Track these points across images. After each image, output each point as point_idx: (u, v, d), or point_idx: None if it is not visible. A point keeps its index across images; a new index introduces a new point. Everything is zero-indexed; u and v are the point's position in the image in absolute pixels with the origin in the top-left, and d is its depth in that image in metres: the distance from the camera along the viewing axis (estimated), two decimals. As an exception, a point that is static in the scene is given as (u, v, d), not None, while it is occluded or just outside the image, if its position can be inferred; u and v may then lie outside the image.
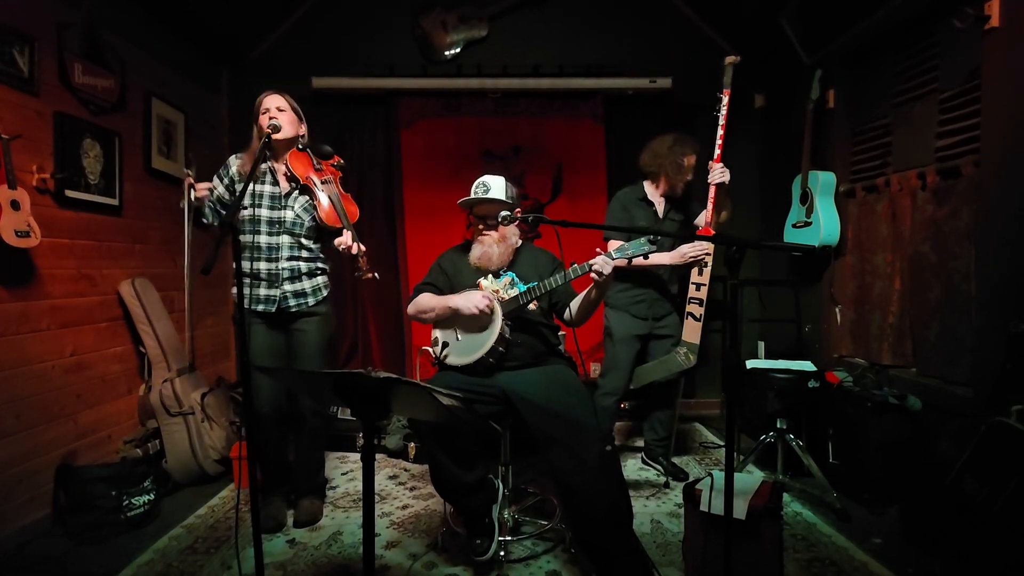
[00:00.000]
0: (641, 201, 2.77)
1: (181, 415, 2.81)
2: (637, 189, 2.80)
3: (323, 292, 2.43)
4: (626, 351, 2.75)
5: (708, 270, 2.64)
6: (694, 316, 2.64)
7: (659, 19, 3.97)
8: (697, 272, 2.65)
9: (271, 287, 2.33)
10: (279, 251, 2.33)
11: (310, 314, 2.39)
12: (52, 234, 2.43)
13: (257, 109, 2.30)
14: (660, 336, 2.79)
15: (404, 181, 3.89)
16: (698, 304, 2.64)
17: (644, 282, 2.74)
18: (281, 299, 2.34)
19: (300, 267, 2.36)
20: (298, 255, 2.36)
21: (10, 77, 2.24)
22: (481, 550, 2.02)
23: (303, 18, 3.91)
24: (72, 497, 2.35)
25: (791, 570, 2.01)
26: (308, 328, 2.40)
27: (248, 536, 1.73)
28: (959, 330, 2.46)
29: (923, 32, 2.66)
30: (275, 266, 2.33)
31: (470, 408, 1.43)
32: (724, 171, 2.61)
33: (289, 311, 2.36)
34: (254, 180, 2.29)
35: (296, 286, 2.36)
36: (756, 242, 3.98)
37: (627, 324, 2.74)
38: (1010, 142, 2.14)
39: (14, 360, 2.26)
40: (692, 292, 2.66)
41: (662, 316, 2.79)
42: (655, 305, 2.77)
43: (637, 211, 2.75)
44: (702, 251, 2.58)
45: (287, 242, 2.34)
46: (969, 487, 1.88)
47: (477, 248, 2.18)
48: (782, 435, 2.63)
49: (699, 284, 2.65)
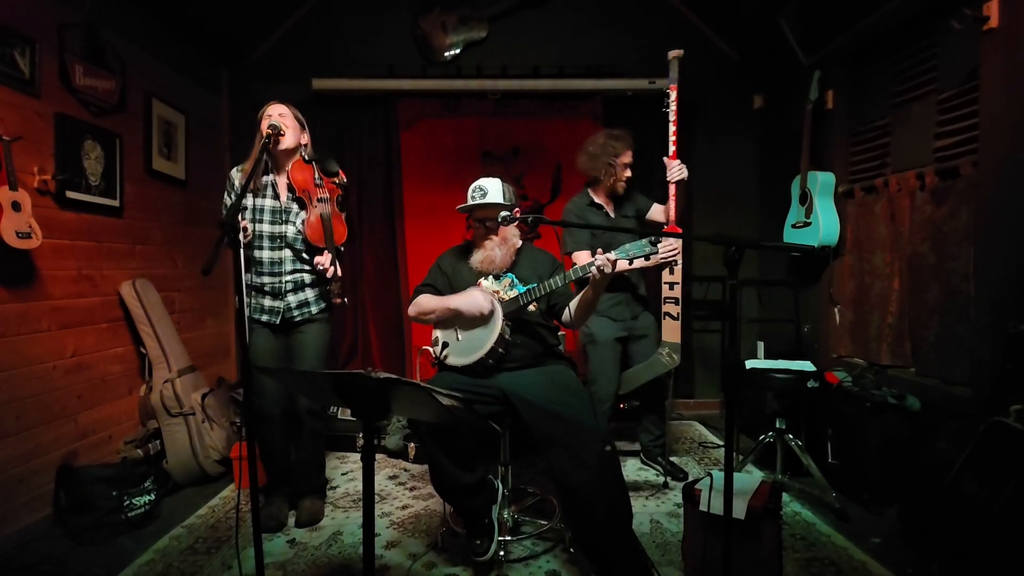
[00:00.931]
0: (591, 207, 2.77)
1: (182, 415, 2.81)
2: (584, 196, 2.80)
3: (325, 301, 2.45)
4: (611, 355, 2.76)
5: (679, 268, 2.68)
6: (671, 315, 2.67)
7: (659, 20, 3.97)
8: (668, 272, 2.67)
9: (275, 299, 2.35)
10: (282, 265, 2.35)
11: (311, 321, 2.41)
12: (53, 235, 2.43)
13: (260, 118, 2.31)
14: (639, 336, 2.81)
15: (404, 182, 3.90)
16: (674, 303, 2.67)
17: (618, 286, 2.74)
18: (285, 310, 2.36)
19: (304, 279, 2.38)
20: (301, 268, 2.38)
21: (11, 78, 2.25)
22: (481, 551, 2.02)
23: (303, 19, 3.92)
24: (73, 497, 2.35)
25: (790, 570, 2.02)
26: (309, 331, 2.41)
27: (248, 536, 1.73)
28: (958, 330, 2.46)
29: (922, 33, 2.66)
30: (278, 280, 2.35)
31: (470, 408, 1.43)
32: (681, 167, 2.61)
33: (293, 320, 2.38)
34: (254, 194, 2.32)
35: (299, 296, 2.38)
36: (756, 242, 3.99)
37: (608, 328, 2.75)
38: (1009, 142, 2.15)
39: (15, 361, 2.27)
40: (666, 292, 2.69)
41: (637, 315, 2.82)
42: (631, 306, 2.79)
43: (593, 217, 2.75)
44: (672, 251, 2.58)
45: (289, 256, 2.36)
46: (968, 487, 1.88)
47: (479, 253, 2.18)
48: (781, 435, 2.63)
49: (672, 283, 2.69)
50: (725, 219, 4.03)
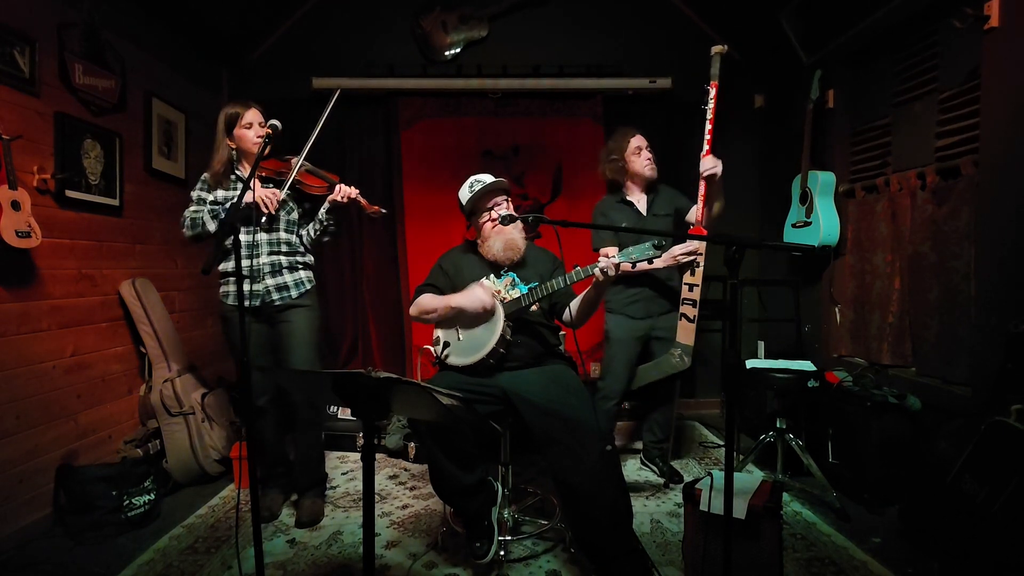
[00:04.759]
0: (620, 204, 2.76)
1: (181, 415, 2.81)
2: (616, 193, 2.80)
3: (306, 285, 2.46)
4: (624, 354, 2.73)
5: (700, 270, 2.61)
6: (687, 317, 2.62)
7: (659, 19, 3.97)
8: (689, 273, 2.62)
9: (253, 283, 2.36)
10: (258, 248, 2.37)
11: (295, 307, 2.42)
12: (53, 234, 2.43)
13: (233, 121, 2.35)
14: (660, 338, 2.75)
15: (404, 181, 3.89)
16: (691, 305, 2.61)
17: (636, 283, 2.72)
18: (264, 294, 2.37)
19: (281, 261, 2.39)
20: (277, 250, 2.39)
21: (11, 77, 2.25)
22: (481, 553, 2.02)
23: (303, 18, 3.92)
24: (72, 497, 2.35)
25: (790, 569, 2.02)
26: (294, 320, 2.41)
27: (248, 536, 1.73)
28: (959, 330, 2.46)
29: (923, 32, 2.66)
30: (256, 262, 2.36)
31: (470, 408, 1.43)
32: (716, 163, 2.52)
33: (273, 305, 2.39)
34: (222, 187, 2.38)
35: (278, 280, 2.39)
36: (756, 242, 3.98)
37: (624, 326, 2.73)
38: (1010, 142, 2.14)
39: (15, 360, 2.27)
40: (685, 293, 2.63)
41: (661, 315, 2.74)
42: (651, 304, 2.73)
43: (618, 215, 2.73)
44: (692, 252, 2.56)
45: (265, 239, 2.37)
46: (968, 487, 1.88)
47: (498, 240, 2.15)
48: (782, 435, 2.63)
49: (691, 285, 2.61)
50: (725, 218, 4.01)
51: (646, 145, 2.72)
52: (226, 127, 2.36)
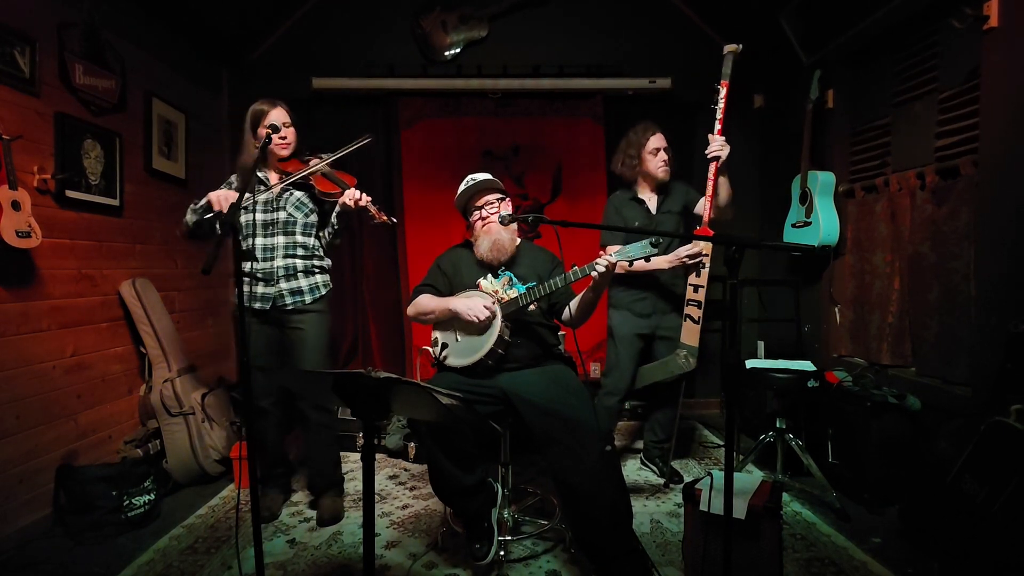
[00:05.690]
0: (632, 201, 2.76)
1: (182, 415, 2.81)
2: (628, 190, 2.80)
3: (321, 291, 2.44)
4: (628, 350, 2.73)
5: (706, 271, 2.60)
6: (692, 318, 2.60)
7: (659, 19, 3.97)
8: (695, 274, 2.62)
9: (268, 285, 2.35)
10: (274, 251, 2.36)
11: (306, 311, 2.40)
12: (53, 234, 2.43)
13: (258, 119, 2.32)
14: (664, 337, 2.74)
15: (404, 181, 3.89)
16: (696, 306, 2.59)
17: (643, 282, 2.72)
18: (277, 297, 2.36)
19: (296, 264, 2.38)
20: (293, 253, 2.38)
21: (11, 77, 2.25)
22: (480, 554, 2.02)
23: (303, 18, 3.91)
24: (72, 497, 2.35)
25: (790, 569, 2.02)
26: (304, 326, 2.40)
27: (248, 536, 1.73)
28: (958, 330, 2.46)
29: (922, 32, 2.66)
30: (270, 265, 2.35)
31: (470, 408, 1.43)
32: (725, 146, 2.49)
33: (285, 308, 2.37)
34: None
35: (292, 284, 2.38)
36: (756, 242, 3.98)
37: (629, 323, 2.72)
38: (1009, 142, 2.15)
39: (15, 360, 2.27)
40: (690, 294, 2.62)
41: (665, 314, 2.74)
42: (656, 302, 2.73)
43: (630, 211, 2.74)
44: (698, 253, 2.56)
45: (282, 242, 2.36)
46: (968, 487, 1.88)
47: (485, 240, 2.15)
48: (781, 435, 2.63)
49: (696, 286, 2.60)
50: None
51: (664, 146, 2.71)
52: (252, 125, 2.34)
